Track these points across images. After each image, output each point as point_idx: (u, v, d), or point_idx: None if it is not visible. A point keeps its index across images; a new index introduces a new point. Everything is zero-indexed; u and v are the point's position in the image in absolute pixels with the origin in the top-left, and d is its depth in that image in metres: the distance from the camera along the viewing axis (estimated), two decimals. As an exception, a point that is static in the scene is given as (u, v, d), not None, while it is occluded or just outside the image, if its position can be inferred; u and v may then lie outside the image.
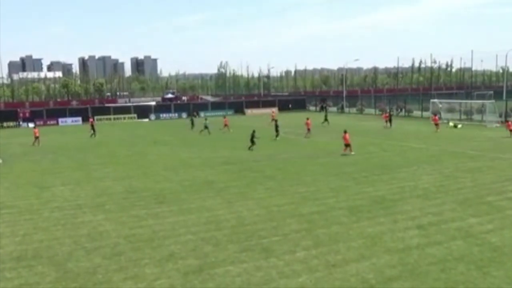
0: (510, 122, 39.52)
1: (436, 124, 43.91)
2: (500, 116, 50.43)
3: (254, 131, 34.63)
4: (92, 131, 46.51)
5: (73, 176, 25.67)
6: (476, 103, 57.31)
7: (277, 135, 40.09)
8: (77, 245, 14.32)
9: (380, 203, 18.16)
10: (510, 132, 38.13)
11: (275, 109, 70.96)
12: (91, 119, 52.79)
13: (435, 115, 48.34)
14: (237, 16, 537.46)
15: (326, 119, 52.29)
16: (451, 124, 47.78)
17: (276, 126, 40.68)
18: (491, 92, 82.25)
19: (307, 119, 43.38)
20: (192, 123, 52.05)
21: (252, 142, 33.84)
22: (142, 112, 72.39)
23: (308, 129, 41.70)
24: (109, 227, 16.04)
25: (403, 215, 16.49)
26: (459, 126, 46.32)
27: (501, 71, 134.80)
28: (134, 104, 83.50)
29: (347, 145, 30.84)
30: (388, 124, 49.04)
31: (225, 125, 48.85)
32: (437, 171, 24.39)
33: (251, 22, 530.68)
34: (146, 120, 70.46)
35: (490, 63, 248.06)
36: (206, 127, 46.76)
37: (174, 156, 32.45)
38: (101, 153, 34.83)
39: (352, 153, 30.46)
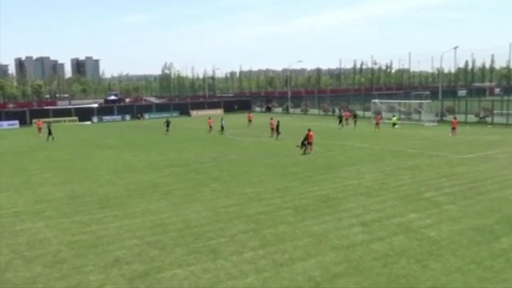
0: (455, 120, 41.19)
1: (377, 124, 45.39)
2: (436, 115, 52.73)
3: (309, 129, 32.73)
4: (49, 135, 44.01)
5: (10, 182, 24.57)
6: (414, 103, 59.65)
7: (278, 135, 40.55)
8: (15, 254, 13.72)
9: (325, 202, 18.52)
10: (452, 130, 39.76)
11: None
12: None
13: (378, 114, 49.96)
14: (181, 16, 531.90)
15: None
16: (394, 118, 49.70)
17: (277, 127, 40.86)
18: (428, 92, 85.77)
19: (271, 119, 43.80)
20: (167, 126, 48.71)
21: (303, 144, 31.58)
22: (84, 114, 70.32)
23: (272, 129, 42.11)
24: (50, 234, 15.47)
25: (347, 213, 16.89)
26: (396, 126, 48.09)
27: (436, 72, 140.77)
28: (75, 106, 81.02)
29: (310, 143, 31.35)
30: (347, 123, 50.47)
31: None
32: (379, 169, 25.16)
33: (195, 22, 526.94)
34: (88, 122, 68.57)
35: (426, 64, 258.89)
36: (222, 127, 46.36)
37: (118, 159, 31.74)
38: (40, 157, 33.53)
39: (312, 152, 30.96)
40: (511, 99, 53.10)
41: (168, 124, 49.18)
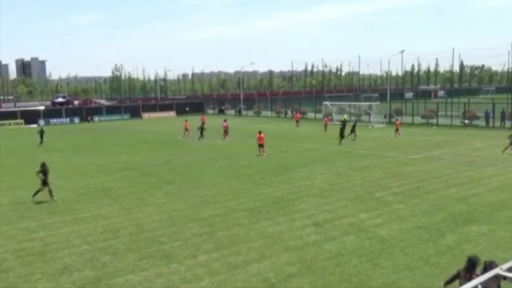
0: (398, 122, 42.50)
1: (326, 125, 46.23)
2: (385, 117, 54.25)
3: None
4: (40, 139, 40.59)
5: (-50, 188, 23.39)
6: (364, 105, 61.17)
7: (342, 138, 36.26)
8: (-43, 264, 13.07)
9: (278, 203, 18.67)
10: (396, 131, 40.93)
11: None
12: None
13: (325, 117, 51.07)
14: (131, 17, 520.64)
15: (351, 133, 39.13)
16: (345, 116, 51.40)
17: (343, 128, 36.97)
18: (377, 94, 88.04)
19: (224, 121, 43.53)
20: (201, 133, 41.39)
21: None
22: (30, 117, 67.92)
23: (225, 131, 41.84)
24: (-6, 242, 14.84)
25: (301, 214, 17.09)
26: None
27: (385, 75, 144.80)
28: (21, 108, 78.20)
29: (261, 146, 31.44)
30: (298, 125, 51.43)
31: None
32: (331, 170, 25.60)
33: (146, 24, 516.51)
34: (35, 125, 66.26)
35: (375, 67, 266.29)
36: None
37: (66, 163, 30.83)
38: (-17, 162, 32.09)
39: (265, 154, 31.06)
40: (455, 101, 55.35)
41: (202, 129, 41.77)
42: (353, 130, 38.21)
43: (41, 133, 41.37)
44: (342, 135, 36.11)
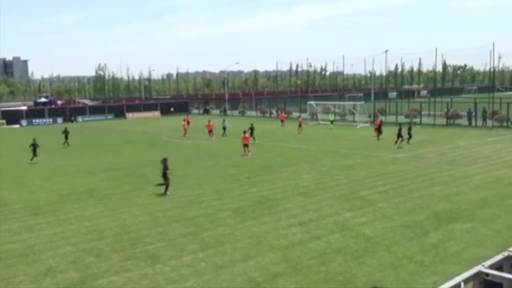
0: (378, 121, 42.47)
1: (300, 125, 46.14)
2: (369, 116, 54.56)
3: None
4: (65, 139, 38.94)
5: None
6: (348, 104, 61.54)
7: (402, 140, 34.19)
8: None
9: (264, 203, 18.69)
10: (375, 131, 40.09)
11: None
12: None
13: (299, 117, 51.45)
14: (114, 17, 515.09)
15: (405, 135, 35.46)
16: (331, 116, 51.71)
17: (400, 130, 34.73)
18: (361, 94, 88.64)
19: (209, 121, 43.30)
20: (253, 133, 37.22)
21: None
22: (12, 117, 67.08)
23: (210, 131, 41.61)
24: (-24, 245, 14.61)
25: (286, 213, 17.13)
26: (331, 125, 49.84)
27: (369, 74, 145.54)
28: (3, 109, 77.16)
29: (246, 145, 31.41)
30: (283, 124, 52.03)
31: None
32: (316, 169, 25.70)
33: (129, 23, 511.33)
34: (17, 126, 65.49)
35: (359, 67, 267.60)
36: (224, 128, 43.64)
37: (50, 164, 30.50)
38: (-36, 163, 31.59)
39: (249, 153, 31.05)
40: (438, 100, 55.94)
41: (252, 129, 37.29)
42: (409, 133, 35.33)
43: (66, 133, 39.40)
44: (399, 136, 33.88)
